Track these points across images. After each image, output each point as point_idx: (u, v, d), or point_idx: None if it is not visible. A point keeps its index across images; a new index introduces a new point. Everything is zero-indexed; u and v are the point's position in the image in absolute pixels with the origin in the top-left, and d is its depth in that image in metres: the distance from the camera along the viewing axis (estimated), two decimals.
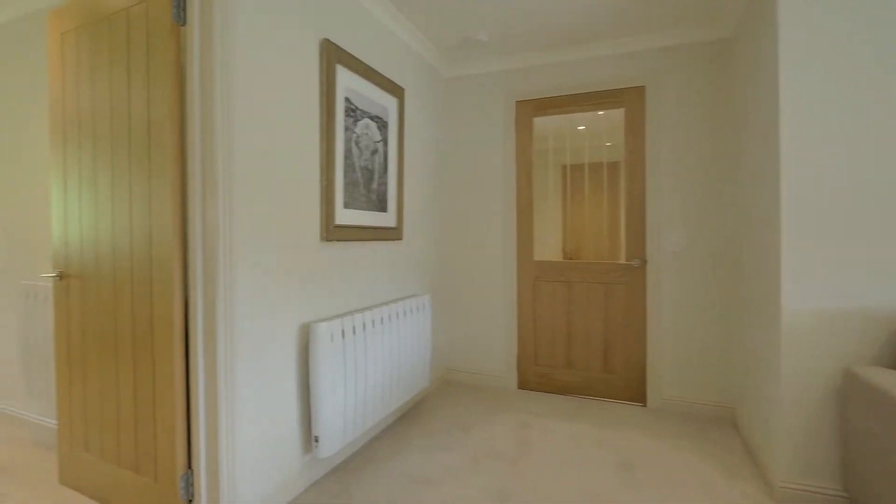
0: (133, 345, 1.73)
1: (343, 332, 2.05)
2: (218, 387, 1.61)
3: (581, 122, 3.30)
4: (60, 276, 1.93)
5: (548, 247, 3.44)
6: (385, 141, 2.56)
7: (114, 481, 1.81)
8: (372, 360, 2.25)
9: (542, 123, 3.28)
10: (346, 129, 2.23)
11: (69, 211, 1.90)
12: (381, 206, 2.54)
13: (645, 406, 2.94)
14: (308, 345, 1.99)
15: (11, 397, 2.58)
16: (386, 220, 2.58)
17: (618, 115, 3.08)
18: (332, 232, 2.12)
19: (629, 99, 2.98)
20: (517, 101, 3.24)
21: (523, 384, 3.27)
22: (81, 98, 1.84)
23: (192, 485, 1.67)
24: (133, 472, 1.75)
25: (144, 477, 1.72)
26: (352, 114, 2.26)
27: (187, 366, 1.67)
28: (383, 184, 2.55)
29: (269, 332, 1.80)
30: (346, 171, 2.23)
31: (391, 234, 2.62)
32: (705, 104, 2.78)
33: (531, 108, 3.21)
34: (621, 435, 2.52)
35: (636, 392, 2.98)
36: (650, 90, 2.89)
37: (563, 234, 3.47)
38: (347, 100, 2.23)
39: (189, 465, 1.67)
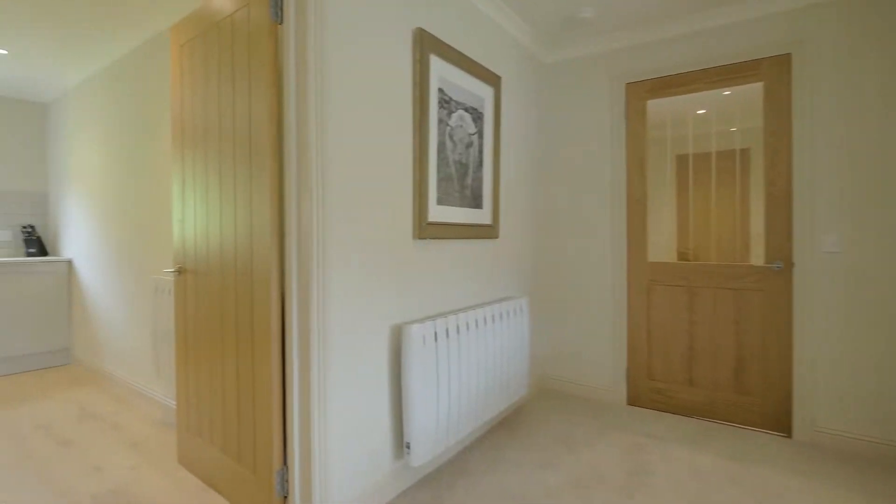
0: (236, 338, 1.79)
1: (436, 334, 1.95)
2: (311, 386, 1.58)
3: (702, 105, 2.86)
4: (179, 272, 2.08)
5: (658, 246, 3.04)
6: (480, 133, 2.42)
7: (220, 467, 1.88)
8: (466, 365, 2.12)
9: (656, 108, 2.90)
10: (440, 121, 2.12)
11: (186, 211, 2.03)
12: (476, 203, 2.40)
13: (790, 437, 2.44)
14: (400, 347, 1.91)
15: (147, 379, 2.89)
16: (481, 216, 2.44)
17: (749, 93, 2.61)
18: (425, 230, 2.02)
19: (769, 71, 2.50)
20: (627, 84, 2.90)
21: (634, 400, 2.92)
22: (195, 105, 1.95)
23: (287, 481, 1.67)
24: (235, 461, 1.81)
25: (244, 468, 1.77)
26: (445, 105, 2.16)
27: (284, 363, 1.68)
28: (478, 179, 2.41)
29: (361, 332, 1.75)
30: (439, 166, 2.12)
31: (486, 231, 2.47)
32: (876, 69, 2.22)
33: (644, 91, 2.86)
34: (761, 472, 2.09)
35: (778, 420, 2.49)
36: (798, 58, 2.39)
37: (679, 233, 3.04)
38: (441, 91, 2.12)
39: (284, 462, 1.68)
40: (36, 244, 3.84)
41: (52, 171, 4.01)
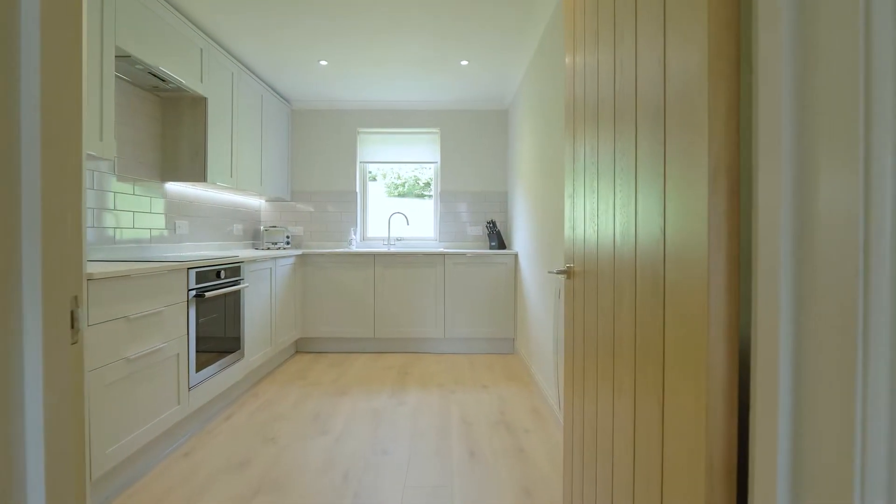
0: (634, 359, 0.88)
1: None
2: None
3: None
4: (568, 273, 1.34)
5: None
6: None
7: None
8: None
9: None
10: None
11: (576, 200, 1.31)
12: None
13: None
14: None
15: (555, 394, 2.38)
16: None
17: None
18: None
19: None
20: None
21: None
22: (587, 67, 1.20)
23: None
24: None
25: None
26: None
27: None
28: None
29: None
30: None
31: None
32: None
33: None
34: None
35: None
36: None
37: None
38: None
39: None
40: (496, 238, 4.22)
41: (510, 171, 4.33)
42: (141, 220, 2.71)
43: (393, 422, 2.48)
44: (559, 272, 1.30)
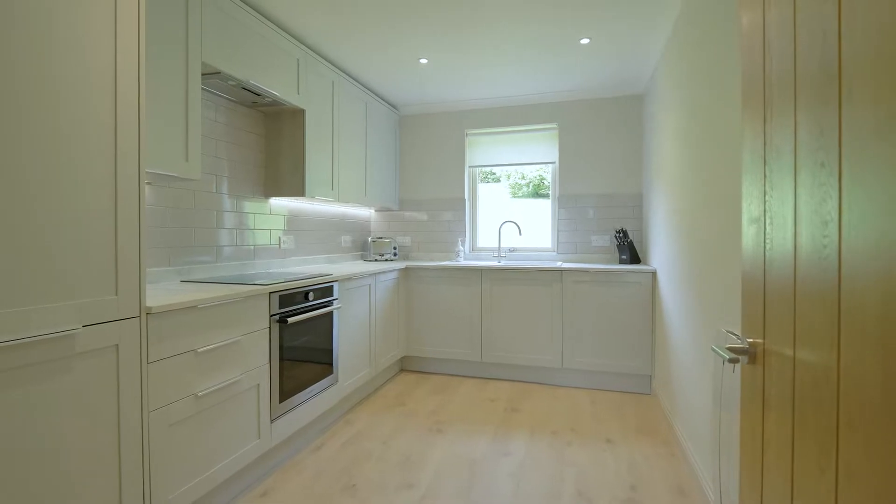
0: None
1: None
2: None
3: None
4: (750, 353, 0.76)
5: None
6: None
7: None
8: None
9: None
10: None
11: (770, 225, 0.71)
12: None
13: None
14: None
15: (714, 473, 1.69)
16: None
17: None
18: None
19: None
20: None
21: None
22: (804, 30, 0.59)
23: None
24: None
25: None
26: None
27: None
28: None
29: None
30: None
31: None
32: None
33: None
34: None
35: None
36: None
37: None
38: None
39: None
40: (628, 250, 3.51)
41: (646, 168, 3.57)
42: (247, 237, 2.70)
43: (491, 481, 2.04)
44: (733, 356, 0.73)
